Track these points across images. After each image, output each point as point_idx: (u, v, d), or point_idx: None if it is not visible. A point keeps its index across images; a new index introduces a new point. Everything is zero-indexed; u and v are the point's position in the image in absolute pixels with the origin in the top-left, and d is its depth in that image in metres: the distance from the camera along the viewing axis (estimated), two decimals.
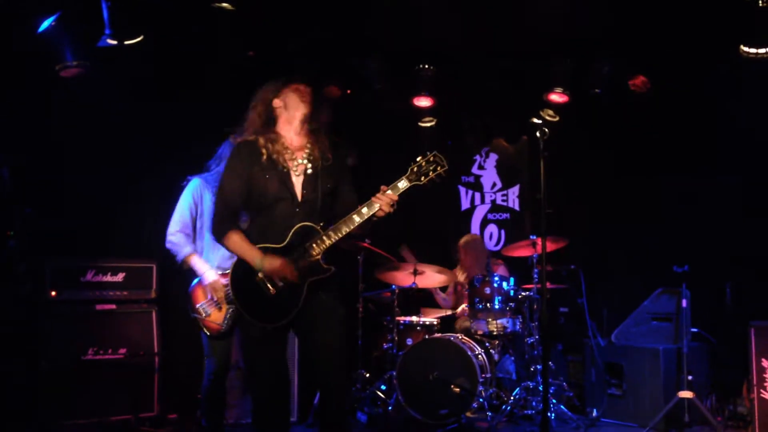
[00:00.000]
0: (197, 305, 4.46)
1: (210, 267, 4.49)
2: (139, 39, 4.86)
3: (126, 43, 4.81)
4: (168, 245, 4.57)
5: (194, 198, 4.60)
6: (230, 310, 4.41)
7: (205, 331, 4.45)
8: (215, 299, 4.44)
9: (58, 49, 5.07)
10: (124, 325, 5.45)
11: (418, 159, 3.60)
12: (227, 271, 4.00)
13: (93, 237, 5.77)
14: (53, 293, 5.28)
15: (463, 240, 6.72)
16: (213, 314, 4.42)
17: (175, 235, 4.55)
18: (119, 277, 5.52)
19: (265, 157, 3.58)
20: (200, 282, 4.51)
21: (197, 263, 4.50)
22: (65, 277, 5.36)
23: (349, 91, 6.51)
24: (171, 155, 6.06)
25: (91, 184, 5.81)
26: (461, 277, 6.53)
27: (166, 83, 5.84)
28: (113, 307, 5.44)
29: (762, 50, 4.80)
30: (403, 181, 3.60)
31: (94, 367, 5.27)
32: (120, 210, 5.95)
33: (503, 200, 7.48)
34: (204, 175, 4.66)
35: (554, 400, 5.58)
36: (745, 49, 4.90)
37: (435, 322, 6.05)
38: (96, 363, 5.28)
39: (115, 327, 5.41)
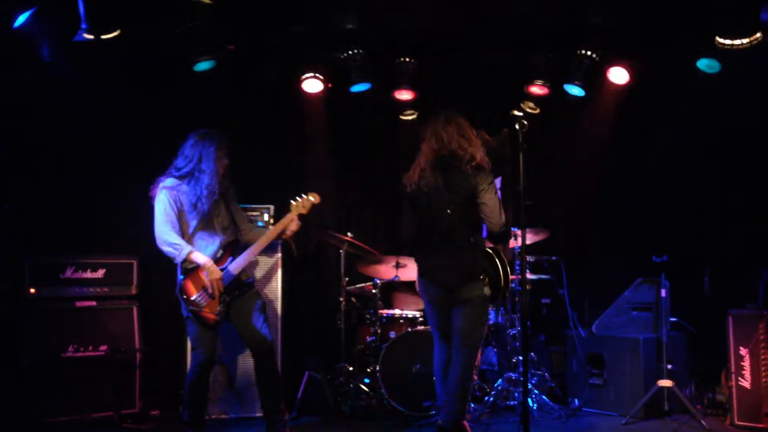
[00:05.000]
0: (192, 298, 4.55)
1: (209, 258, 4.62)
2: (116, 33, 4.81)
3: (103, 37, 4.76)
4: (165, 247, 4.57)
5: (173, 198, 4.63)
6: (223, 298, 4.60)
7: (205, 321, 4.57)
8: (209, 290, 4.56)
9: (34, 45, 5.02)
10: (105, 321, 5.42)
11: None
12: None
13: (73, 233, 5.73)
14: (33, 290, 5.24)
15: None
16: (208, 305, 4.58)
17: (169, 234, 4.57)
18: (99, 273, 5.49)
19: None
20: (190, 275, 4.58)
21: (199, 257, 4.60)
22: (45, 274, 5.32)
23: (330, 85, 6.50)
24: (151, 151, 6.02)
25: (71, 180, 5.78)
26: None
27: (144, 79, 5.81)
28: (94, 303, 5.41)
29: (738, 41, 4.84)
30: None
31: (75, 364, 5.25)
32: (100, 206, 5.90)
33: None
34: (172, 173, 4.70)
35: (536, 391, 5.62)
36: (721, 40, 4.93)
37: (418, 315, 6.07)
38: (77, 360, 5.26)
39: (96, 323, 5.38)
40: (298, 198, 4.97)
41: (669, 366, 5.39)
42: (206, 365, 4.62)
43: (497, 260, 4.54)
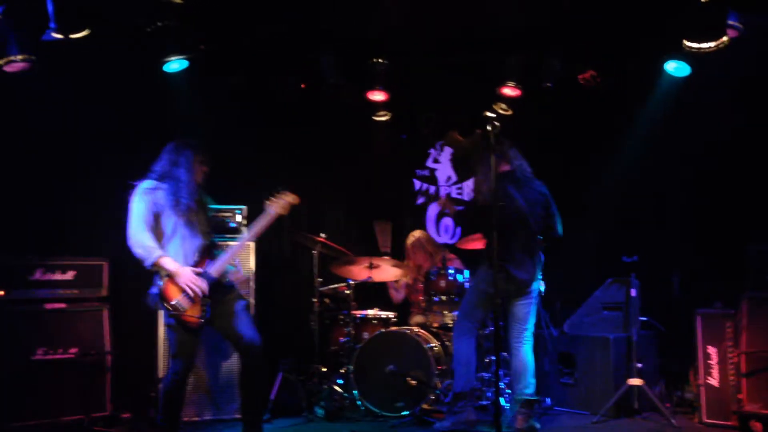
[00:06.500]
0: (172, 302, 4.43)
1: (180, 264, 4.47)
2: (85, 33, 4.75)
3: (72, 37, 4.70)
4: (137, 249, 4.44)
5: (151, 199, 4.52)
6: (205, 300, 4.48)
7: (187, 326, 4.45)
8: (190, 294, 4.43)
9: (2, 43, 4.95)
10: (75, 324, 5.35)
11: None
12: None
13: (42, 235, 5.66)
14: (1, 293, 5.15)
15: (408, 242, 6.65)
16: (189, 309, 4.44)
17: (143, 235, 4.44)
18: (69, 275, 5.42)
19: None
20: (170, 279, 4.46)
21: (169, 263, 4.44)
22: (13, 276, 5.24)
23: (303, 86, 6.50)
24: (121, 153, 5.98)
25: (40, 181, 5.71)
26: (411, 273, 6.50)
27: (113, 80, 5.76)
28: (63, 306, 5.34)
29: (704, 44, 4.91)
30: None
31: (45, 367, 5.18)
32: (70, 207, 5.84)
33: (458, 193, 7.53)
34: (150, 176, 4.61)
35: (509, 391, 5.65)
36: (689, 43, 5.00)
37: (391, 316, 6.08)
38: (46, 363, 5.19)
39: (66, 326, 5.31)
40: (272, 197, 4.83)
41: (639, 365, 5.45)
42: (185, 373, 4.56)
43: None
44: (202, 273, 4.53)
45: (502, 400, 5.43)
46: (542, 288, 5.29)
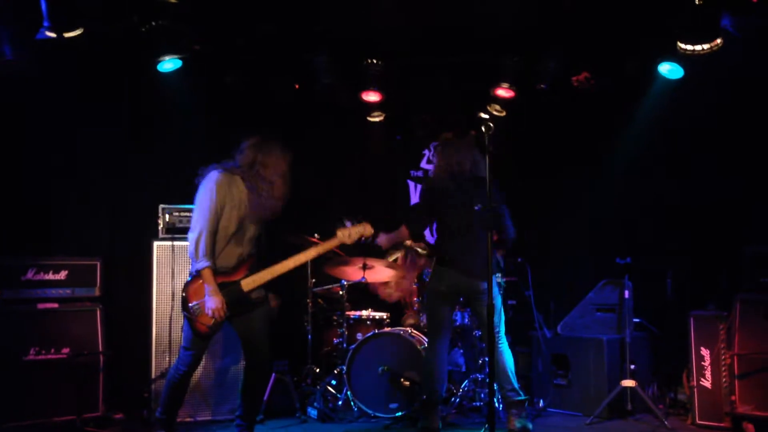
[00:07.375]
0: (190, 304, 4.38)
1: (215, 288, 4.30)
2: (79, 31, 4.73)
3: (65, 35, 4.68)
4: (193, 247, 4.29)
5: (222, 196, 4.31)
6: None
7: (196, 330, 4.40)
8: (210, 315, 4.33)
9: None
10: (68, 324, 5.32)
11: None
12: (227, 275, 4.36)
13: (35, 234, 5.64)
14: None
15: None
16: (203, 316, 4.37)
17: (206, 237, 4.26)
18: (62, 275, 5.39)
19: None
20: (196, 279, 4.36)
21: (209, 279, 4.29)
22: (5, 276, 5.20)
23: (297, 86, 6.49)
24: (117, 153, 5.97)
25: (34, 180, 5.69)
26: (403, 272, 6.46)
27: (106, 79, 5.75)
28: (56, 305, 5.31)
29: (699, 46, 4.92)
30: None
31: (37, 367, 5.14)
32: (63, 207, 5.82)
33: None
34: (229, 166, 4.41)
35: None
36: (683, 45, 5.01)
37: (385, 317, 6.08)
38: (38, 363, 5.16)
39: (58, 326, 5.27)
40: (345, 225, 4.58)
41: (632, 366, 5.46)
42: (194, 366, 4.52)
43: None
44: (230, 284, 4.39)
45: (494, 401, 5.43)
46: (502, 282, 5.25)
